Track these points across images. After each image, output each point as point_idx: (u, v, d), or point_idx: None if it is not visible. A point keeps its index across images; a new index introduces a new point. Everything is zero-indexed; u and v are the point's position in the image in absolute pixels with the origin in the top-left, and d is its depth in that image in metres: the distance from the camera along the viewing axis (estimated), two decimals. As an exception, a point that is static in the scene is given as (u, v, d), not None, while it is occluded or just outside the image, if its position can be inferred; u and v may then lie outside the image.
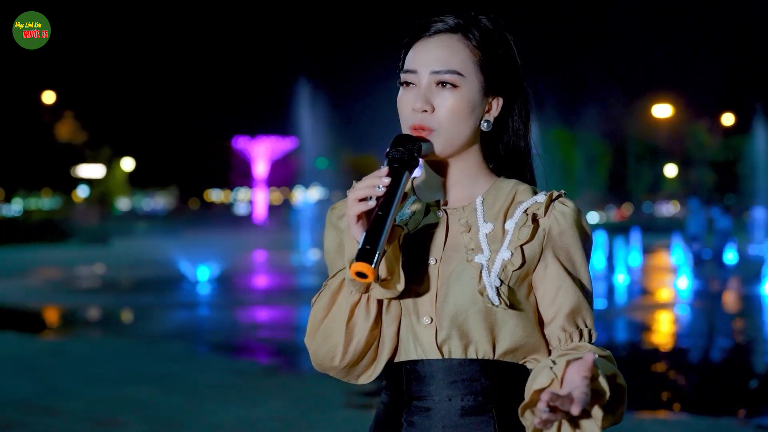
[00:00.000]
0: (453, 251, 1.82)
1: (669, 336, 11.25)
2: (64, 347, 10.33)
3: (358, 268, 1.62)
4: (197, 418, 6.56)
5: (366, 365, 1.86)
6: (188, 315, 13.25)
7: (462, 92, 1.80)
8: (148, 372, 8.43)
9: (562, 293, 1.80)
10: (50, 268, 22.13)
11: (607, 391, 1.58)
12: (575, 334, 1.80)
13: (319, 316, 1.84)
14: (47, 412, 6.76)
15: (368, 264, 1.61)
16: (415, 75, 1.82)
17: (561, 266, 1.80)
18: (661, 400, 7.45)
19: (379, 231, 1.64)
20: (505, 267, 1.77)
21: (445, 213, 1.86)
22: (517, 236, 1.79)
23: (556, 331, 1.81)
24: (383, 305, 1.82)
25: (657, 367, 9.08)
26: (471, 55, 1.82)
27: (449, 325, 1.77)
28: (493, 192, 1.86)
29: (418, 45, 1.85)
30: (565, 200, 1.83)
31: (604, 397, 1.58)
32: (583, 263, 1.83)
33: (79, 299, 14.99)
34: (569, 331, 1.80)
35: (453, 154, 1.83)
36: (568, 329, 1.80)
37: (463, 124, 1.81)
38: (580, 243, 1.82)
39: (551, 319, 1.81)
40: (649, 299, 15.22)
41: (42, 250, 29.83)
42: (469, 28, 1.84)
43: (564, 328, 1.80)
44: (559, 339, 1.80)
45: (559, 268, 1.80)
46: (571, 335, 1.80)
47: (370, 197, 1.70)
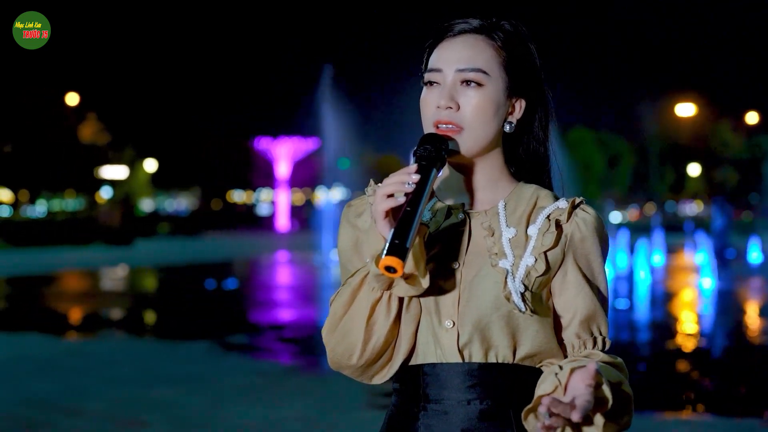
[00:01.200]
0: (475, 255, 1.81)
1: (692, 336, 11.17)
2: (88, 348, 10.39)
3: (388, 262, 1.61)
4: (220, 419, 6.58)
5: (381, 365, 1.86)
6: (211, 316, 13.29)
7: (487, 91, 1.80)
8: (171, 372, 8.46)
9: (579, 300, 1.81)
10: (74, 269, 22.27)
11: (610, 398, 1.60)
12: (589, 342, 1.81)
13: (338, 314, 1.83)
14: (71, 413, 6.80)
15: (399, 258, 1.60)
16: (439, 74, 1.82)
17: (580, 273, 1.81)
18: (684, 401, 7.41)
19: (408, 226, 1.64)
20: (528, 273, 1.77)
21: (468, 216, 1.85)
22: (540, 242, 1.79)
23: (570, 338, 1.82)
24: (404, 304, 1.81)
25: (680, 367, 9.03)
26: (496, 55, 1.82)
27: (471, 330, 1.77)
28: (515, 197, 1.86)
29: (442, 45, 1.85)
30: (586, 207, 1.85)
31: (607, 405, 1.60)
32: (601, 270, 1.84)
33: (103, 300, 15.07)
34: (583, 338, 1.81)
35: (478, 154, 1.83)
36: (582, 336, 1.82)
37: (489, 124, 1.81)
38: (600, 250, 1.83)
39: (567, 325, 1.83)
40: (672, 299, 15.13)
41: (66, 251, 30.03)
42: (493, 30, 1.85)
43: (578, 334, 1.82)
44: (573, 345, 1.82)
45: (578, 275, 1.81)
46: (585, 342, 1.81)
47: (398, 194, 1.69)
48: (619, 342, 10.65)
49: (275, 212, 59.83)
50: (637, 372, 8.72)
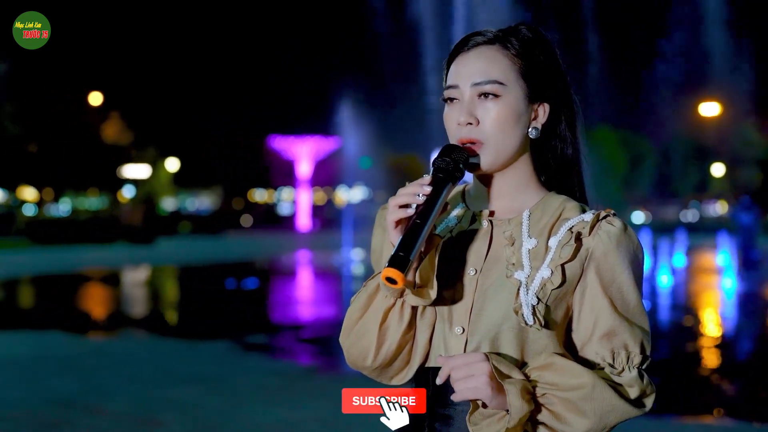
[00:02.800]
0: (494, 263, 1.81)
1: (713, 339, 11.09)
2: (109, 347, 10.46)
3: (389, 273, 1.62)
4: (237, 420, 6.60)
5: (399, 368, 1.88)
6: (231, 315, 13.33)
7: (504, 101, 1.80)
8: (190, 372, 8.50)
9: (598, 316, 1.78)
10: (96, 268, 22.40)
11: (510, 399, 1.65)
12: (608, 358, 1.77)
13: (354, 316, 1.86)
14: (91, 412, 6.84)
15: (399, 271, 1.62)
16: (457, 90, 1.83)
17: (600, 288, 1.78)
18: (705, 405, 7.36)
19: (414, 239, 1.65)
20: (544, 285, 1.76)
21: (491, 224, 1.85)
22: (558, 254, 1.77)
23: (591, 355, 1.79)
24: (418, 311, 1.83)
25: (701, 370, 8.96)
26: (511, 64, 1.82)
27: (480, 338, 1.77)
28: (541, 207, 1.85)
29: (457, 60, 1.86)
30: (613, 219, 1.81)
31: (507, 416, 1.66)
32: (630, 284, 1.78)
33: (125, 299, 15.16)
34: (602, 354, 1.78)
35: (500, 168, 1.83)
36: (601, 353, 1.78)
37: (510, 133, 1.80)
38: (627, 263, 1.78)
39: (586, 342, 1.80)
40: (694, 300, 15.03)
41: (88, 250, 30.21)
42: (507, 38, 1.84)
43: (597, 351, 1.78)
44: (594, 363, 1.79)
45: (598, 290, 1.78)
46: (604, 358, 1.77)
47: (411, 204, 1.71)
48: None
49: (296, 211, 59.90)
50: (659, 375, 8.68)
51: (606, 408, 1.69)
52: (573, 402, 1.69)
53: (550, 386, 1.70)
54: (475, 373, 1.67)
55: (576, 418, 1.69)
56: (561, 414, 1.70)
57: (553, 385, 1.70)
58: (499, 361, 1.70)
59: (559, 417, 1.70)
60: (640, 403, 1.75)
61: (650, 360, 1.80)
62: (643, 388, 1.75)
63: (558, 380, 1.70)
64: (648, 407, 1.76)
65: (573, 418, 1.69)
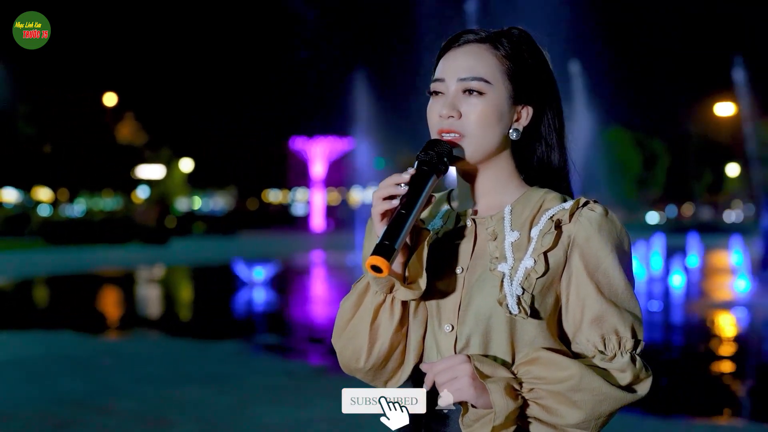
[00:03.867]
0: (479, 260, 1.82)
1: (726, 340, 11.03)
2: (121, 347, 10.49)
3: (373, 261, 1.62)
4: (246, 419, 6.60)
5: (393, 370, 1.89)
6: (244, 315, 13.36)
7: (488, 99, 1.81)
8: (200, 372, 8.51)
9: (585, 302, 1.77)
10: (110, 268, 22.48)
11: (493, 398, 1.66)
12: (600, 344, 1.76)
13: (346, 317, 1.88)
14: (100, 411, 6.86)
15: (384, 258, 1.62)
16: (442, 83, 1.85)
17: (586, 273, 1.77)
18: (717, 406, 7.32)
19: (399, 228, 1.65)
20: (528, 275, 1.76)
21: (474, 222, 1.86)
22: (540, 243, 1.77)
23: (582, 342, 1.78)
24: (410, 310, 1.84)
25: (713, 371, 8.91)
26: (499, 64, 1.83)
27: (469, 333, 1.78)
28: (523, 201, 1.85)
29: (447, 55, 1.87)
30: (594, 205, 1.80)
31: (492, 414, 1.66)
32: (616, 268, 1.76)
33: (138, 299, 15.20)
34: (593, 341, 1.76)
35: (482, 160, 1.84)
36: (592, 339, 1.77)
37: (491, 131, 1.81)
38: (610, 247, 1.77)
39: (576, 329, 1.79)
40: (708, 301, 14.95)
41: (102, 250, 30.32)
42: (498, 39, 1.86)
43: (588, 338, 1.77)
44: (586, 351, 1.77)
45: (584, 276, 1.77)
46: (595, 345, 1.76)
47: (395, 196, 1.72)
48: (652, 345, 10.56)
49: (310, 212, 59.98)
50: (670, 375, 8.64)
51: (597, 397, 1.68)
52: (562, 394, 1.68)
53: (537, 380, 1.70)
54: (458, 375, 1.68)
55: (567, 410, 1.69)
56: (551, 407, 1.70)
57: (541, 379, 1.70)
58: (481, 361, 1.70)
59: (549, 410, 1.70)
60: (633, 389, 1.73)
61: (643, 344, 1.77)
62: (636, 373, 1.73)
63: (545, 374, 1.69)
64: (642, 393, 1.74)
65: (564, 410, 1.69)
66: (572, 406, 1.68)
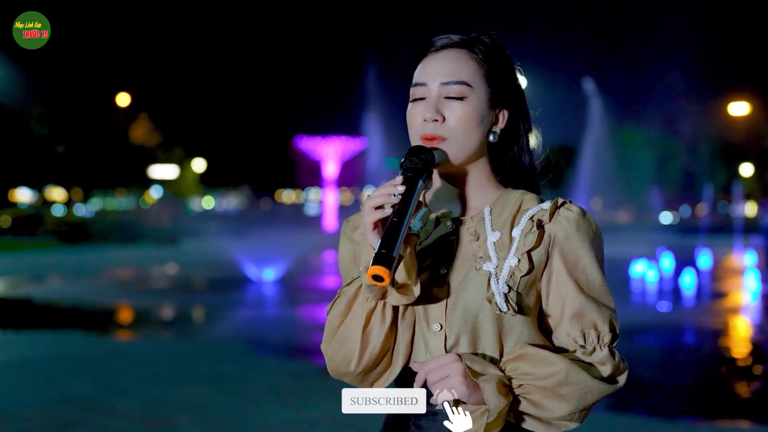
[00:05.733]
0: (462, 260, 1.86)
1: (734, 341, 10.98)
2: (129, 347, 10.53)
3: (375, 271, 1.64)
4: (249, 420, 6.61)
5: (380, 372, 1.92)
6: (253, 316, 13.38)
7: (470, 102, 1.85)
8: (206, 373, 8.53)
9: (566, 297, 1.83)
10: (122, 268, 22.56)
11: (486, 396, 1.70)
12: (580, 339, 1.83)
13: (335, 323, 1.91)
14: (105, 412, 6.88)
15: (385, 267, 1.64)
16: (424, 88, 1.88)
17: (566, 270, 1.83)
18: (724, 408, 7.29)
19: (395, 236, 1.68)
20: (512, 273, 1.81)
21: (455, 223, 1.90)
22: (523, 243, 1.82)
23: (563, 337, 1.85)
24: (399, 313, 1.87)
25: (721, 372, 8.86)
26: (478, 68, 1.88)
27: (458, 332, 1.82)
28: (501, 202, 1.90)
29: (426, 60, 1.91)
30: (571, 206, 1.87)
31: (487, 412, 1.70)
32: (594, 265, 1.84)
33: (148, 299, 15.24)
34: (573, 335, 1.83)
35: (464, 162, 1.88)
36: (572, 334, 1.83)
37: (473, 134, 1.85)
38: (588, 245, 1.84)
39: (557, 324, 1.85)
40: (718, 302, 14.88)
41: (115, 249, 30.42)
42: (473, 44, 1.90)
43: (569, 333, 1.84)
44: (567, 344, 1.84)
45: (563, 273, 1.83)
46: (575, 340, 1.83)
47: (386, 205, 1.74)
48: (661, 346, 10.53)
49: (323, 212, 60.03)
50: (677, 377, 8.62)
51: (583, 390, 1.75)
52: (550, 389, 1.74)
53: (525, 376, 1.75)
54: (450, 373, 1.73)
55: (555, 404, 1.75)
56: (540, 401, 1.76)
57: (529, 375, 1.75)
58: (472, 359, 1.74)
59: (538, 404, 1.76)
60: (614, 380, 1.81)
61: (619, 338, 1.85)
62: (616, 365, 1.82)
63: (533, 370, 1.75)
64: (621, 383, 1.82)
65: (552, 404, 1.75)
66: (560, 400, 1.75)
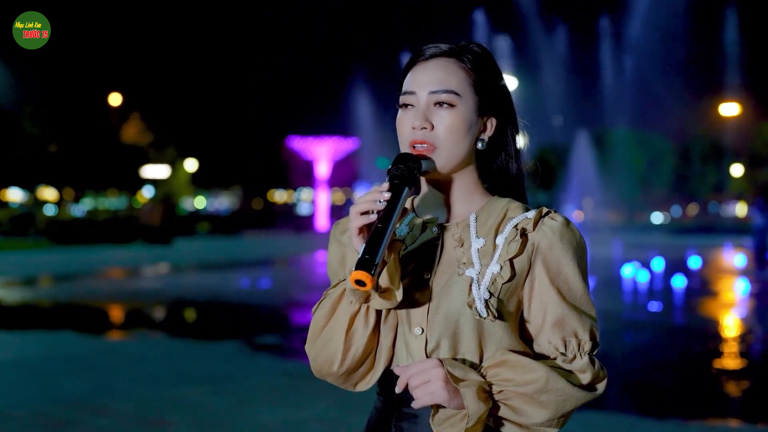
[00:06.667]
0: (446, 265, 1.88)
1: (724, 341, 11.03)
2: (122, 347, 10.53)
3: (357, 276, 1.67)
4: (242, 420, 6.63)
5: (363, 373, 1.96)
6: (244, 315, 13.39)
7: (458, 111, 1.87)
8: (199, 372, 8.55)
9: (547, 306, 1.86)
10: (114, 268, 22.54)
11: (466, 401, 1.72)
12: (561, 346, 1.85)
13: (319, 324, 1.95)
14: (98, 412, 6.89)
15: (367, 272, 1.67)
16: (413, 96, 1.90)
17: (548, 279, 1.86)
18: (711, 407, 7.33)
19: (379, 242, 1.70)
20: (494, 280, 1.83)
21: (441, 229, 1.93)
22: (506, 250, 1.85)
23: (544, 344, 1.87)
24: (381, 316, 1.90)
25: (711, 372, 8.90)
26: (466, 77, 1.90)
27: (439, 335, 1.84)
28: (487, 209, 1.93)
29: (415, 69, 1.93)
30: (555, 215, 1.89)
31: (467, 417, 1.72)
32: (576, 274, 1.87)
33: (140, 299, 15.24)
34: (554, 343, 1.86)
35: (452, 170, 1.90)
36: (553, 341, 1.86)
37: (461, 142, 1.88)
38: (571, 254, 1.86)
39: (538, 332, 1.88)
40: (709, 302, 14.95)
41: (107, 249, 30.38)
42: (462, 53, 1.93)
43: (550, 340, 1.86)
44: (548, 352, 1.86)
45: (545, 281, 1.86)
46: (556, 347, 1.85)
47: (372, 211, 1.77)
48: (652, 346, 10.57)
49: (315, 212, 60.01)
50: (667, 377, 8.66)
51: (561, 397, 1.77)
52: (529, 395, 1.77)
53: (506, 382, 1.78)
54: (431, 378, 1.75)
55: (534, 410, 1.78)
56: (519, 408, 1.78)
57: (509, 381, 1.78)
58: (453, 365, 1.76)
59: (517, 411, 1.78)
60: (593, 387, 1.84)
61: (600, 346, 1.88)
62: (596, 373, 1.84)
63: (513, 376, 1.77)
64: (600, 391, 1.86)
65: (531, 411, 1.78)
66: (539, 407, 1.77)
